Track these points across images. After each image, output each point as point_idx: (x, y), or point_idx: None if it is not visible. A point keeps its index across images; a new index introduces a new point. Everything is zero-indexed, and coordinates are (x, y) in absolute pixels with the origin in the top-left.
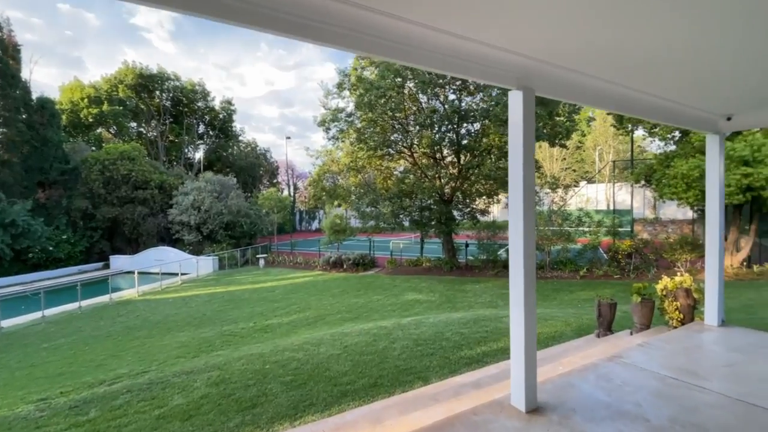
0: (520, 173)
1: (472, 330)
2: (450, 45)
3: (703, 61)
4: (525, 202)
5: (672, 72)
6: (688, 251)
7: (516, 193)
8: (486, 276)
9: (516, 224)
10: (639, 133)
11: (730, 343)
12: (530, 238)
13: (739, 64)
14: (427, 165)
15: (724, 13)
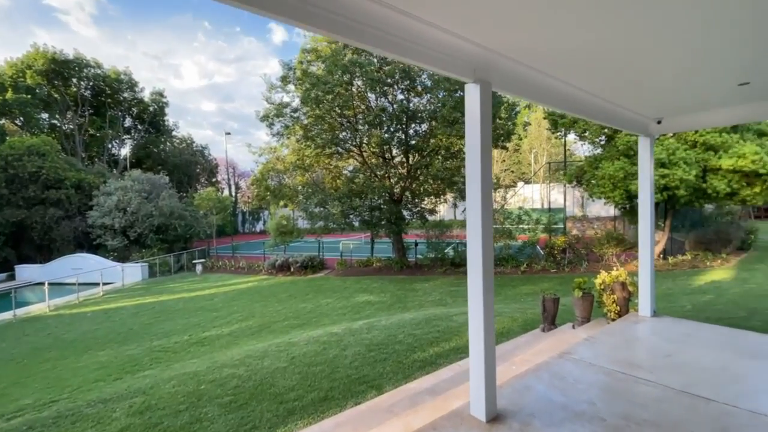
0: (477, 168)
1: (424, 331)
2: (408, 28)
3: (638, 66)
4: (483, 196)
5: (613, 74)
6: (614, 245)
7: (474, 188)
8: (435, 274)
9: (474, 221)
10: (571, 137)
11: (663, 333)
12: (488, 234)
13: (668, 71)
14: (377, 164)
15: (656, 21)
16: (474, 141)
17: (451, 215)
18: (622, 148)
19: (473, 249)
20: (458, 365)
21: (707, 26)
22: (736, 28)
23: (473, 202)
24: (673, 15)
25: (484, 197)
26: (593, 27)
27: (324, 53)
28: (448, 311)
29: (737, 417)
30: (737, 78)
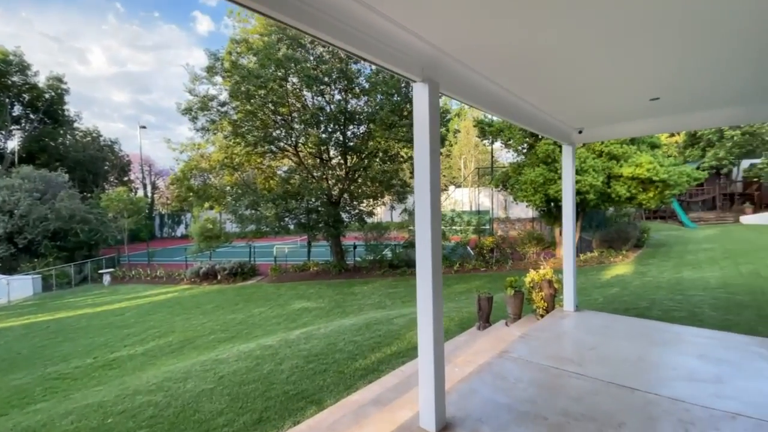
0: (426, 169)
1: (365, 337)
2: (357, 15)
3: (567, 76)
4: (432, 197)
5: (546, 83)
6: (535, 245)
7: (423, 189)
8: (373, 276)
9: (423, 222)
10: (497, 145)
11: (586, 326)
12: (437, 235)
13: (590, 84)
14: (314, 165)
15: (584, 37)
16: (422, 142)
17: (388, 217)
18: (542, 156)
19: (422, 251)
20: (401, 371)
21: (624, 45)
22: (649, 48)
23: (422, 202)
24: (597, 32)
25: (433, 198)
26: (531, 34)
27: (256, 46)
28: (388, 314)
29: (660, 404)
30: (649, 93)
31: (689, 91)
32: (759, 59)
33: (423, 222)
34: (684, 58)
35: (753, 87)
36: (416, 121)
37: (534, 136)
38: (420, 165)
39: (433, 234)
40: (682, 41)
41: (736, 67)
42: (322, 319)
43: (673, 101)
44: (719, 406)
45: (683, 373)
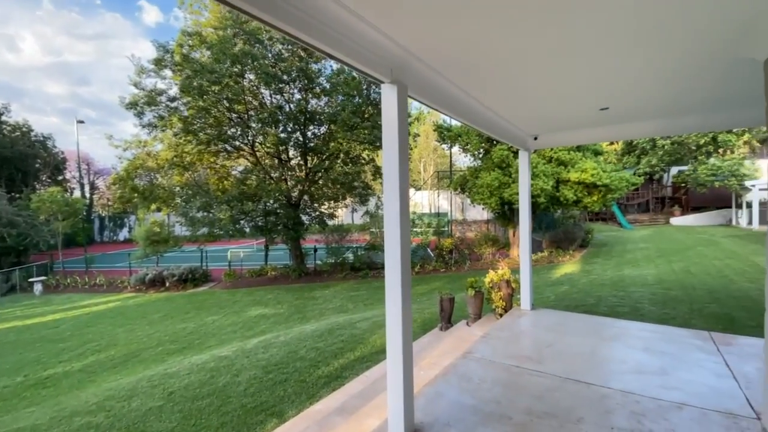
0: (395, 171)
1: (327, 342)
2: (329, 12)
3: (525, 84)
4: (401, 198)
5: (506, 91)
6: (491, 245)
7: (391, 190)
8: (335, 279)
9: (392, 223)
10: (455, 149)
11: (542, 324)
12: (405, 236)
13: (545, 92)
14: (273, 166)
15: (541, 46)
16: (391, 144)
17: (350, 219)
18: (497, 161)
19: (391, 253)
20: (366, 376)
21: (578, 56)
22: (601, 60)
23: (391, 204)
24: (553, 43)
25: (402, 199)
26: (492, 41)
27: (210, 40)
28: (350, 318)
29: (613, 398)
30: (600, 103)
31: (635, 102)
32: (696, 75)
33: (392, 223)
34: (632, 71)
35: (690, 100)
36: (385, 123)
37: (490, 142)
38: (389, 167)
39: (402, 235)
40: (631, 56)
41: (676, 81)
42: (282, 325)
43: (620, 111)
44: (666, 396)
45: (632, 366)
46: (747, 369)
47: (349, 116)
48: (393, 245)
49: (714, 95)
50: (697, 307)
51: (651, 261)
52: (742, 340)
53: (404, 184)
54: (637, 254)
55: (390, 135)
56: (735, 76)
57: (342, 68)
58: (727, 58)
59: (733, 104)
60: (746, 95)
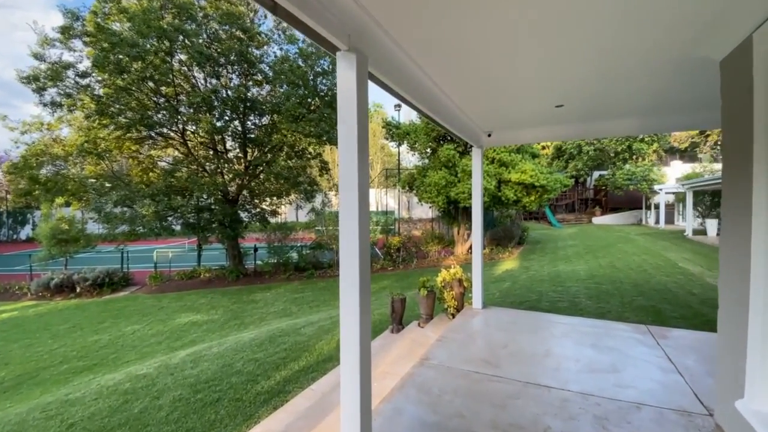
0: (354, 155)
1: (268, 352)
2: None
3: (483, 76)
4: (360, 188)
5: (465, 80)
6: (437, 243)
7: (349, 177)
8: (278, 281)
9: (349, 216)
10: (403, 148)
11: (495, 323)
12: (365, 232)
13: (500, 84)
14: (207, 157)
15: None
16: (349, 123)
17: (294, 217)
18: (444, 160)
19: (348, 248)
20: (313, 390)
21: (533, 51)
22: (554, 53)
23: (348, 192)
24: (512, 29)
25: (361, 187)
26: (456, 18)
27: (132, 10)
28: (294, 323)
29: (574, 401)
30: (555, 101)
31: (591, 101)
32: (652, 74)
33: (349, 214)
34: (587, 68)
35: (646, 100)
36: (341, 98)
37: (437, 141)
38: (346, 149)
39: (360, 228)
40: (586, 52)
41: (632, 80)
42: (216, 333)
43: (576, 110)
44: (623, 396)
45: (585, 364)
46: (687, 362)
47: (294, 106)
48: (350, 239)
49: (671, 96)
50: (627, 301)
51: (581, 257)
52: (676, 333)
53: (364, 169)
54: (568, 251)
55: (347, 113)
56: (692, 77)
57: (287, 55)
58: (683, 59)
59: (690, 106)
60: (703, 97)
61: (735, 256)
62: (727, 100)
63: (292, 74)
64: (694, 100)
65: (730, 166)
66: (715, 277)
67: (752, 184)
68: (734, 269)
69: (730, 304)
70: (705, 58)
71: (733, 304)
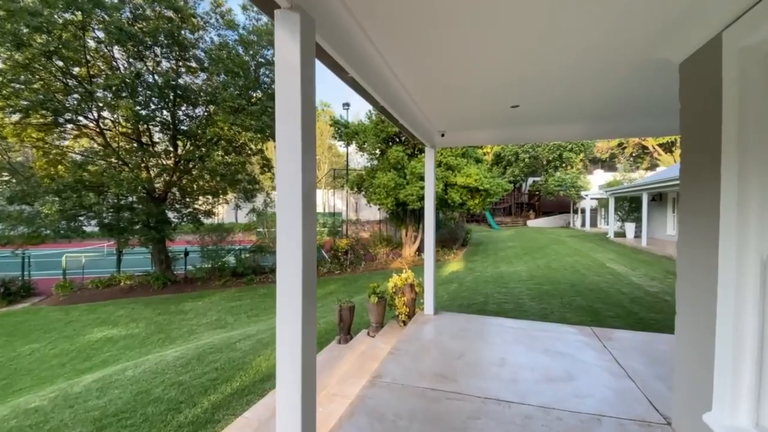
0: (296, 135)
1: (195, 373)
2: None
3: (439, 66)
4: (304, 178)
5: (421, 71)
6: (385, 246)
7: (290, 164)
8: (212, 288)
9: (291, 211)
10: (351, 148)
11: (449, 331)
12: (310, 230)
13: (455, 84)
14: (130, 150)
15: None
16: (289, 103)
17: (233, 218)
18: (393, 162)
19: (289, 251)
20: (246, 418)
21: (490, 46)
22: (509, 52)
23: (288, 185)
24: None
25: (307, 178)
26: None
27: None
28: (229, 336)
29: (537, 417)
30: (510, 101)
31: (546, 102)
32: (611, 76)
33: (291, 210)
34: (540, 66)
35: (601, 104)
36: (281, 70)
37: (387, 142)
38: (286, 134)
39: (305, 226)
40: (540, 46)
41: (590, 82)
42: (135, 351)
43: (532, 111)
44: (583, 408)
45: (541, 373)
46: (635, 365)
47: (232, 97)
48: (291, 238)
49: (627, 100)
50: (566, 301)
51: (520, 258)
52: (618, 334)
53: (309, 158)
54: (508, 252)
55: (288, 89)
56: (649, 81)
57: (225, 42)
58: (641, 60)
59: (647, 110)
60: (659, 102)
61: (698, 262)
62: (688, 103)
63: (231, 62)
64: (650, 104)
65: (691, 169)
66: (638, 276)
67: (720, 185)
68: (696, 275)
69: (692, 312)
70: (663, 60)
71: (696, 311)
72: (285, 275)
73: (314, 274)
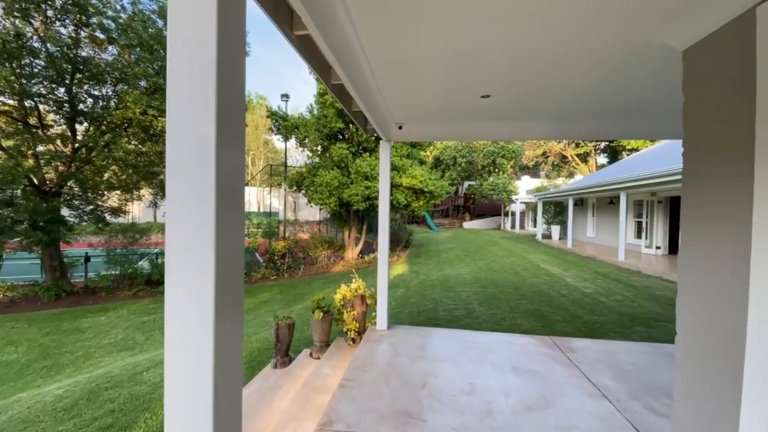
0: (209, 106)
1: (83, 420)
2: None
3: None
4: (234, 159)
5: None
6: (326, 248)
7: (188, 150)
8: (119, 299)
9: (196, 208)
10: (291, 144)
11: (406, 350)
12: (234, 237)
13: (422, 66)
14: (13, 132)
15: None
16: (196, 43)
17: (150, 216)
18: (336, 160)
19: (190, 256)
20: None
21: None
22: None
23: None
24: None
25: (235, 157)
26: None
27: None
28: (135, 362)
29: None
30: (479, 90)
31: (517, 95)
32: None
33: (197, 196)
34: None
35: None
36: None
37: (330, 139)
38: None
39: (224, 224)
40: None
41: (558, 82)
42: (6, 386)
43: (502, 105)
44: None
45: (516, 400)
46: (606, 382)
47: (147, 74)
48: (195, 239)
49: (618, 96)
50: (513, 305)
51: (461, 260)
52: (578, 344)
53: (237, 124)
54: (449, 254)
55: (191, 27)
56: (648, 71)
57: (140, 12)
58: (639, 46)
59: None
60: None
61: (715, 277)
62: (695, 94)
63: (148, 35)
64: (642, 102)
65: (703, 169)
66: (572, 277)
67: (753, 187)
68: (712, 292)
69: (712, 337)
70: (666, 46)
71: (715, 335)
72: (183, 284)
73: (240, 285)
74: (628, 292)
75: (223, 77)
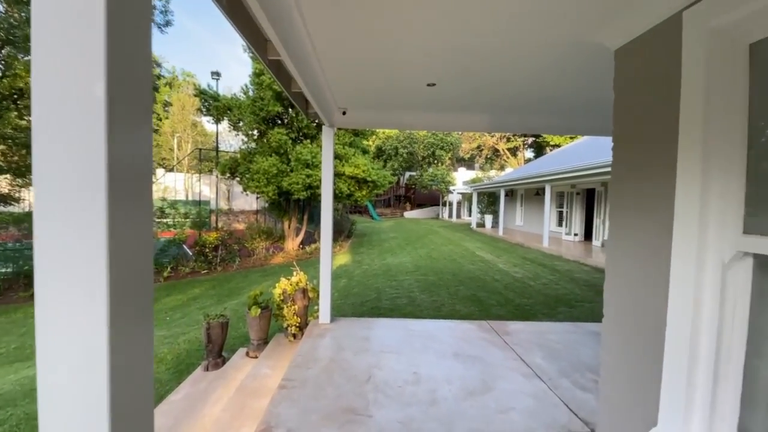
0: (98, 65)
1: None
2: None
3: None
4: (142, 121)
5: (336, 24)
6: (264, 239)
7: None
8: (13, 302)
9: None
10: (223, 126)
11: (351, 343)
12: (141, 229)
13: (367, 47)
14: None
15: None
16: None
17: None
18: (275, 146)
19: (70, 250)
20: None
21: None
22: (434, 20)
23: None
24: None
25: (141, 142)
26: None
27: None
28: (33, 374)
29: None
30: (425, 78)
31: (461, 86)
32: (538, 60)
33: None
34: (465, 35)
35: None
36: None
37: (267, 123)
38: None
39: (118, 215)
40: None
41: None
42: None
43: (449, 95)
44: (509, 426)
45: (459, 387)
46: (538, 361)
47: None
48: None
49: (557, 92)
50: (452, 291)
51: (403, 249)
52: (512, 327)
53: (141, 86)
54: (391, 243)
55: None
56: (581, 70)
57: None
58: (574, 44)
59: (575, 107)
60: (588, 96)
61: (642, 265)
62: (624, 93)
63: None
64: (578, 98)
65: (630, 163)
66: (504, 263)
67: (675, 180)
68: (638, 278)
69: (632, 319)
70: (600, 45)
71: (636, 318)
72: (63, 296)
73: (150, 283)
74: (552, 276)
75: (116, 13)
